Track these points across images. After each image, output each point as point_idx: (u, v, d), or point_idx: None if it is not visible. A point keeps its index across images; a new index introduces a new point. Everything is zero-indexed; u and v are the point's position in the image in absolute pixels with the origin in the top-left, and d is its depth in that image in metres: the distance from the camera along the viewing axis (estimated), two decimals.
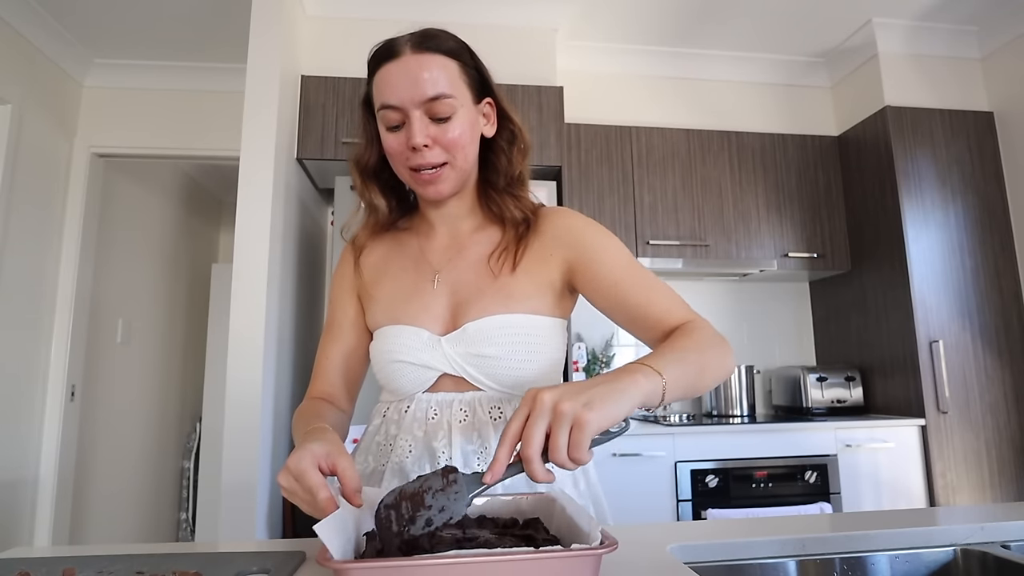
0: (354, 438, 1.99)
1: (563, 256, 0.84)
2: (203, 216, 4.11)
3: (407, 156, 0.79)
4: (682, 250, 2.62)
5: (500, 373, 0.79)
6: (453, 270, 0.86)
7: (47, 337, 2.62)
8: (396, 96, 0.78)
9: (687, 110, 2.86)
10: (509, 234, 0.86)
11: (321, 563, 0.47)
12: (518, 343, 0.79)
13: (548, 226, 0.86)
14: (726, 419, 2.55)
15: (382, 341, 0.84)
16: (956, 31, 2.68)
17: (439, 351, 0.81)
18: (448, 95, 0.78)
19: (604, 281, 0.82)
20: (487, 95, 0.85)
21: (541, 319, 0.82)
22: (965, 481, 2.31)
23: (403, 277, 0.88)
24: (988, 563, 0.72)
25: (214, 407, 3.47)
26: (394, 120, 0.79)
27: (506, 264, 0.84)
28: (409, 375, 0.81)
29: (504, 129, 0.87)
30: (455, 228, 0.90)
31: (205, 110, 2.87)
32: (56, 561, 0.64)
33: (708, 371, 0.70)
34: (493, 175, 0.88)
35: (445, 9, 2.40)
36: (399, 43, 0.81)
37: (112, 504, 3.00)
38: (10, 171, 2.37)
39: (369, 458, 0.85)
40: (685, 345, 0.70)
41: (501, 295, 0.82)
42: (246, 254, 1.91)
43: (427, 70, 0.78)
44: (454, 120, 0.79)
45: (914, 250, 2.45)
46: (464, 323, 0.81)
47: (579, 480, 0.86)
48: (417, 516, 0.54)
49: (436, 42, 0.81)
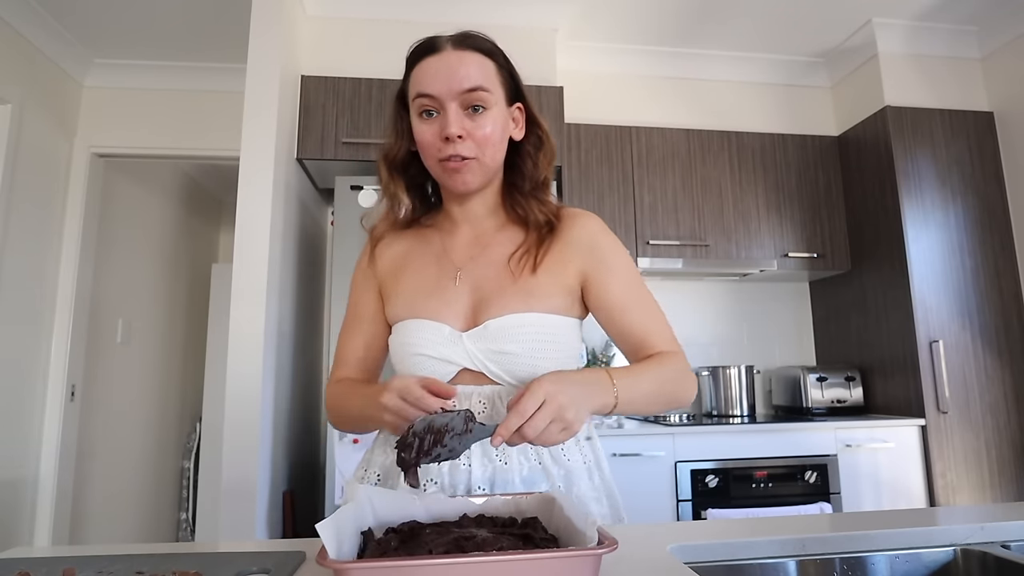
0: (354, 438, 1.99)
1: (579, 263, 0.88)
2: (203, 216, 4.11)
3: (439, 147, 0.82)
4: (682, 250, 2.61)
5: (519, 369, 0.82)
6: (475, 268, 0.88)
7: (47, 337, 2.62)
8: (434, 86, 0.81)
9: (687, 110, 2.86)
10: (532, 236, 0.89)
11: (321, 563, 0.47)
12: (537, 341, 0.82)
13: (569, 230, 0.89)
14: (726, 419, 2.55)
15: (403, 335, 0.86)
16: (956, 31, 2.68)
17: (460, 346, 0.83)
18: (484, 88, 0.81)
19: (608, 297, 0.87)
20: (518, 99, 0.89)
21: (559, 318, 0.85)
22: (965, 481, 2.31)
23: (425, 272, 0.90)
24: (988, 563, 0.72)
25: (214, 407, 3.47)
26: (430, 107, 0.82)
27: (527, 265, 0.86)
28: (429, 368, 0.83)
29: (531, 134, 0.91)
30: (478, 226, 0.92)
31: (205, 110, 2.87)
32: (56, 561, 0.64)
33: (662, 398, 0.83)
34: (519, 178, 0.91)
35: (445, 9, 2.40)
36: (440, 40, 0.84)
37: (112, 504, 3.00)
38: (10, 171, 2.37)
39: (388, 450, 0.87)
40: (650, 371, 0.82)
41: (522, 294, 0.84)
42: (246, 254, 1.91)
43: (466, 65, 0.81)
44: (487, 115, 0.82)
45: (914, 250, 2.45)
46: (485, 320, 0.83)
47: (594, 474, 0.88)
48: (433, 451, 0.64)
49: (475, 41, 0.85)
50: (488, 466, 0.81)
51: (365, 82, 2.29)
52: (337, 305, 2.07)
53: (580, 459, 0.86)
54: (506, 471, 0.80)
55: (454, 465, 0.80)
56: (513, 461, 0.81)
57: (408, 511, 0.64)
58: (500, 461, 0.81)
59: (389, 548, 0.55)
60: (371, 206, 2.13)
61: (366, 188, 2.15)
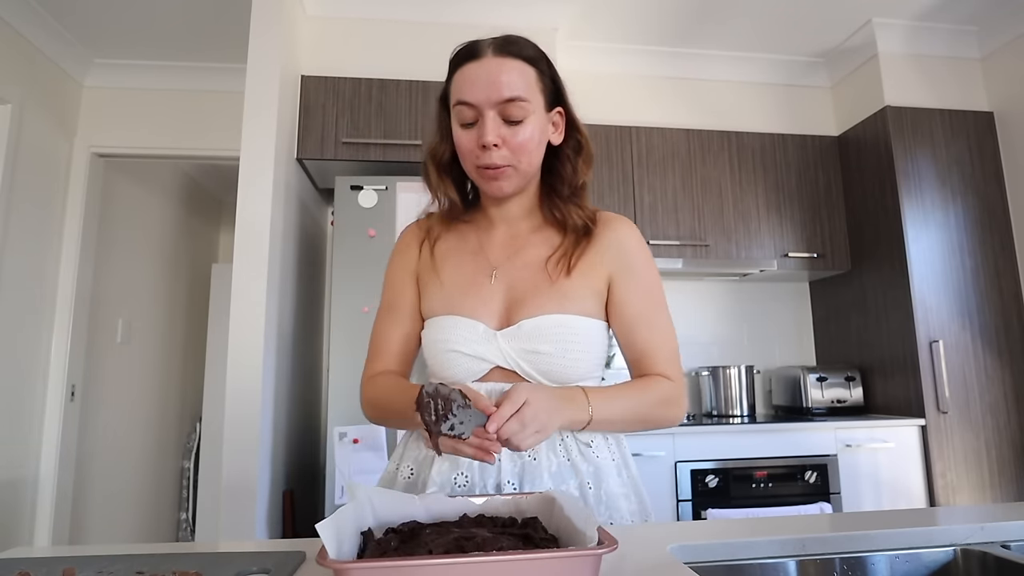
0: (354, 438, 1.99)
1: (609, 269, 0.90)
2: (203, 216, 4.11)
3: (477, 154, 0.84)
4: (682, 250, 2.61)
5: (551, 369, 0.83)
6: (511, 268, 0.90)
7: (47, 337, 2.62)
8: (473, 94, 0.82)
9: (687, 110, 2.86)
10: (569, 240, 0.90)
11: (321, 563, 0.47)
12: (570, 342, 0.84)
13: (604, 235, 0.91)
14: (726, 419, 2.55)
15: (438, 331, 0.87)
16: (956, 31, 2.68)
17: (494, 345, 0.84)
18: (523, 99, 0.82)
19: (625, 306, 0.89)
20: (559, 104, 0.90)
21: (590, 321, 0.87)
22: (965, 481, 2.31)
23: (462, 269, 0.91)
24: (988, 563, 0.72)
25: (214, 407, 3.47)
26: (468, 117, 0.83)
27: (563, 268, 0.88)
28: (463, 365, 0.85)
29: (571, 138, 0.92)
30: (514, 227, 0.94)
31: (205, 110, 2.87)
32: (56, 561, 0.64)
33: (638, 422, 0.86)
34: (557, 182, 0.92)
35: (446, 9, 2.39)
36: (482, 45, 0.85)
37: (112, 504, 3.00)
38: (10, 171, 2.37)
39: (421, 444, 0.88)
40: (630, 395, 0.85)
41: (556, 295, 0.86)
42: (246, 254, 1.91)
43: (506, 73, 0.82)
44: (525, 124, 0.83)
45: (914, 250, 2.45)
46: (520, 319, 0.85)
47: (622, 471, 0.89)
48: (443, 417, 0.66)
49: (517, 47, 0.86)
50: (517, 461, 0.82)
51: (365, 82, 2.29)
52: (337, 305, 2.07)
53: (608, 456, 0.87)
54: (535, 466, 0.82)
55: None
56: (542, 456, 0.82)
57: (408, 511, 0.64)
58: (530, 457, 0.82)
59: (389, 548, 0.55)
60: (371, 206, 2.13)
61: (366, 188, 2.15)
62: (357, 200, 2.13)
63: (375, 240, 2.10)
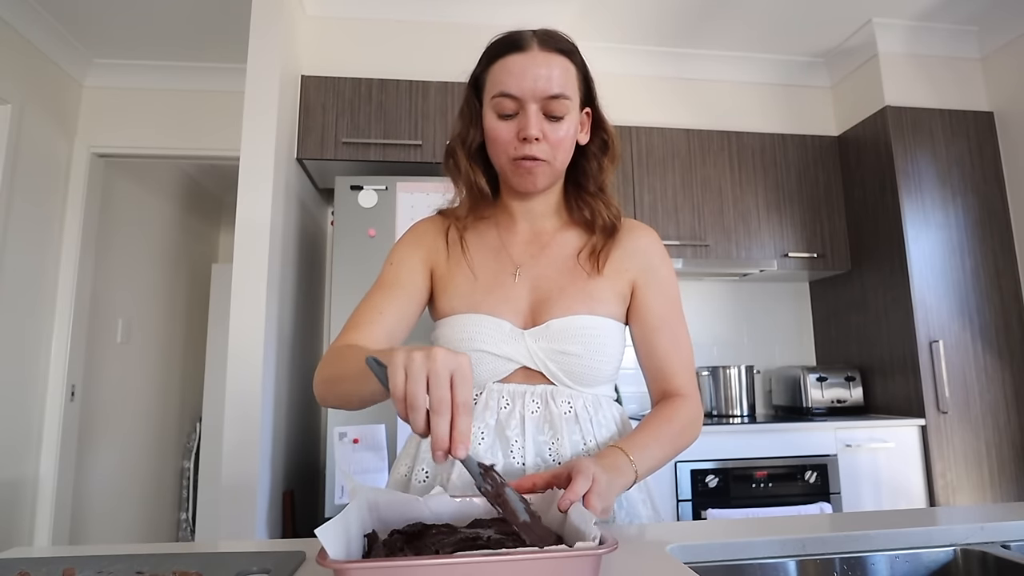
0: (354, 438, 1.99)
1: (634, 273, 0.90)
2: (203, 216, 4.11)
3: (515, 145, 0.82)
4: (682, 250, 2.61)
5: (579, 371, 0.83)
6: (535, 266, 0.89)
7: (47, 337, 2.62)
8: (518, 87, 0.80)
9: (687, 110, 2.86)
10: (598, 237, 0.89)
11: (321, 563, 0.47)
12: (597, 343, 0.83)
13: (629, 240, 0.91)
14: (726, 419, 2.55)
15: (460, 329, 0.84)
16: (956, 31, 2.68)
17: (522, 344, 0.83)
18: (566, 96, 0.82)
19: (648, 313, 0.89)
20: (589, 104, 0.89)
21: (614, 323, 0.87)
22: (965, 481, 2.31)
23: (484, 266, 0.89)
24: (988, 563, 0.72)
25: (214, 407, 3.47)
26: (509, 109, 0.81)
27: (594, 263, 0.88)
28: (488, 364, 0.83)
29: (596, 137, 0.92)
30: (538, 225, 0.92)
31: (205, 110, 2.87)
32: (56, 561, 0.64)
33: (672, 456, 0.83)
34: (584, 179, 0.92)
35: (445, 9, 2.39)
36: (526, 36, 0.84)
37: (112, 504, 3.00)
38: (10, 171, 2.37)
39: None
40: (662, 435, 0.81)
41: (583, 296, 0.85)
42: (246, 254, 1.91)
43: (552, 68, 0.81)
44: (565, 121, 0.82)
45: (914, 250, 2.45)
46: (547, 319, 0.84)
47: None
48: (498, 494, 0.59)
49: (560, 42, 0.85)
50: (540, 465, 0.80)
51: (365, 82, 2.29)
52: (337, 305, 2.07)
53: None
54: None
55: (509, 464, 0.80)
56: (565, 460, 0.81)
57: (412, 512, 0.64)
58: (553, 460, 0.81)
59: (395, 549, 0.55)
60: (371, 206, 2.13)
61: (366, 188, 2.15)
62: (357, 200, 2.13)
63: (375, 240, 2.11)
